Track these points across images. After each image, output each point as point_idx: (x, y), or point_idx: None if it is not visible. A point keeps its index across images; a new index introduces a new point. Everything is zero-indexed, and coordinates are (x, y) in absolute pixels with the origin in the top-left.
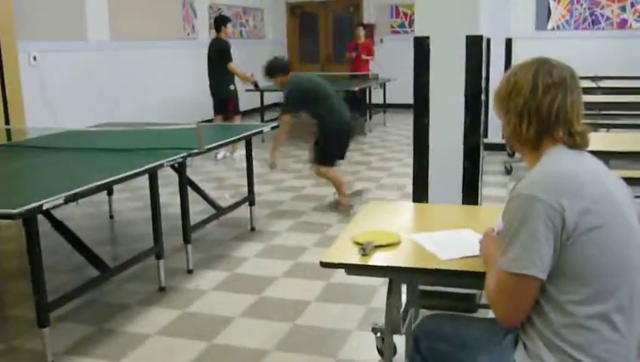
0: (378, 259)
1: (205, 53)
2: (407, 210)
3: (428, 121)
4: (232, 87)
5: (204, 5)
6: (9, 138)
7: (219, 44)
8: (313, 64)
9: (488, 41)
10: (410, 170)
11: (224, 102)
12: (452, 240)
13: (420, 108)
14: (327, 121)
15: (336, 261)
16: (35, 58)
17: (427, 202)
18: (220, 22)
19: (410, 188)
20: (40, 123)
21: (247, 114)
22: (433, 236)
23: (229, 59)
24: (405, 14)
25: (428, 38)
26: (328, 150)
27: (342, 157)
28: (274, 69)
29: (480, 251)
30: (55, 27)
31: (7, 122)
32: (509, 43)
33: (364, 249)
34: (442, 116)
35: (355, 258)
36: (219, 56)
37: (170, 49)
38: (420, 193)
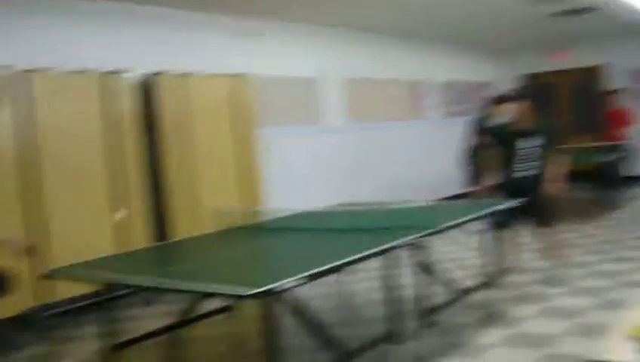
0: None
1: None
2: None
3: None
4: None
5: (434, 86)
6: (249, 220)
7: None
8: None
9: None
10: None
11: None
12: None
13: None
14: None
15: (610, 359)
16: (273, 143)
17: None
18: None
19: None
20: (279, 205)
21: None
22: None
23: None
24: None
25: None
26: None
27: None
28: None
29: None
30: (292, 114)
31: (249, 204)
32: None
33: None
34: None
35: (635, 357)
36: None
37: (401, 129)
38: None
